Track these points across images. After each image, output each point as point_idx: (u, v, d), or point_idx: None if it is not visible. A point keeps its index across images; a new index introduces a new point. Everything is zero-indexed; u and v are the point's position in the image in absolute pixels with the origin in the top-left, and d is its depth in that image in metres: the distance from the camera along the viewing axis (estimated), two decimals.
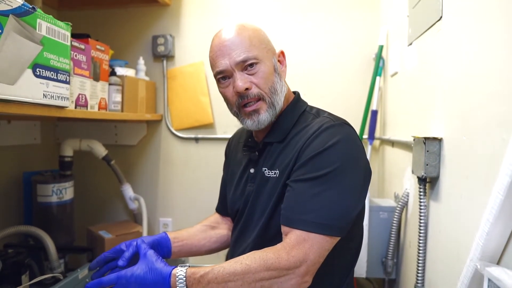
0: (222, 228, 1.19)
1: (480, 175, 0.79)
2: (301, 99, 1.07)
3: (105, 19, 2.11)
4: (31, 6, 0.93)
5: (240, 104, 0.96)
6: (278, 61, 1.02)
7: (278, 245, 0.84)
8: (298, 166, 0.89)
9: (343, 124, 0.94)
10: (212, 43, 0.99)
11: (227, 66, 0.94)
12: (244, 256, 0.83)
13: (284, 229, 0.88)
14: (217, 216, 1.23)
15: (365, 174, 0.92)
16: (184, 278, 0.79)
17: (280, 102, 0.98)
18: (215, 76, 1.00)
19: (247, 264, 0.79)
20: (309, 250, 0.82)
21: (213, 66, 0.99)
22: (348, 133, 0.92)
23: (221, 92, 1.02)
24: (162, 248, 1.05)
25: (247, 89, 0.94)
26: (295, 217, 0.85)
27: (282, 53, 1.05)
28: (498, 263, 0.70)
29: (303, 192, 0.85)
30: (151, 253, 0.85)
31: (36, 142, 1.92)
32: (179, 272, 0.80)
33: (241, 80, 0.93)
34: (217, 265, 0.81)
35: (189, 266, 0.82)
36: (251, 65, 0.93)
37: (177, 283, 0.79)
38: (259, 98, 0.95)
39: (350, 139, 0.90)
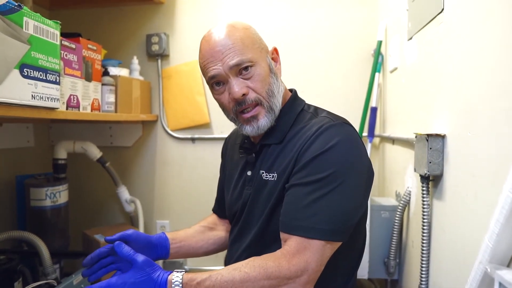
0: (220, 230, 1.16)
1: (488, 172, 0.76)
2: (298, 97, 1.02)
3: (97, 18, 2.07)
4: (16, 4, 0.89)
5: (237, 111, 0.92)
6: (272, 58, 0.97)
7: (278, 252, 0.81)
8: (297, 169, 0.85)
9: (343, 123, 0.90)
10: (201, 48, 0.92)
11: (220, 72, 0.88)
12: (243, 263, 0.80)
13: (283, 235, 0.84)
14: (214, 217, 1.20)
15: (367, 175, 0.88)
16: (181, 286, 0.76)
17: (278, 104, 0.93)
18: (208, 82, 0.94)
19: (246, 272, 0.77)
20: (311, 258, 0.79)
21: (204, 72, 0.93)
22: (349, 133, 0.88)
23: (216, 99, 0.96)
24: (161, 248, 1.02)
25: (244, 94, 0.88)
26: (294, 223, 0.81)
27: (275, 50, 0.99)
28: (509, 265, 0.67)
29: (303, 197, 0.82)
30: (144, 260, 0.80)
31: (29, 145, 1.89)
32: (175, 278, 0.77)
33: (237, 86, 0.88)
34: (215, 272, 0.78)
35: (185, 271, 0.79)
36: (246, 68, 0.88)
37: None
38: (257, 103, 0.90)
39: (351, 140, 0.86)
